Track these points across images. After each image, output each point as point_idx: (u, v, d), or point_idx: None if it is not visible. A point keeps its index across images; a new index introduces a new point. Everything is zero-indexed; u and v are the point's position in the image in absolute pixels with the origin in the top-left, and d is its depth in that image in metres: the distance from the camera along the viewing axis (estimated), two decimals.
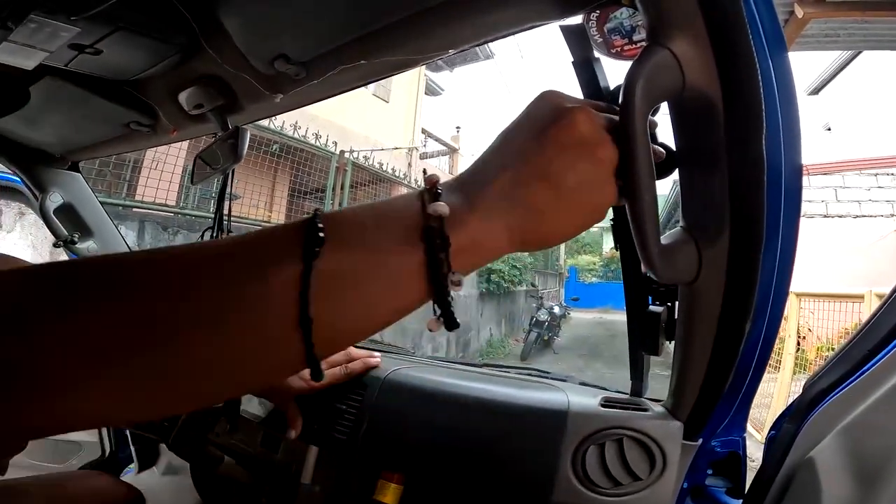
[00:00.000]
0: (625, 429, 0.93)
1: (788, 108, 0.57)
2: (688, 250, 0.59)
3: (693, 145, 0.58)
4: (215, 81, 1.15)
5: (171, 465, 1.92)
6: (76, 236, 1.84)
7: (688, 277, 0.61)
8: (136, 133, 1.44)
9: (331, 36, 0.94)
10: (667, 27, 0.53)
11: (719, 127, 0.53)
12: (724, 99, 0.52)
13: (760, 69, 0.52)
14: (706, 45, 0.51)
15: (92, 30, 0.91)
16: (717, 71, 0.51)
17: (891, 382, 0.72)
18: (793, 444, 0.84)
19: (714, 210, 0.57)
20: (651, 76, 0.51)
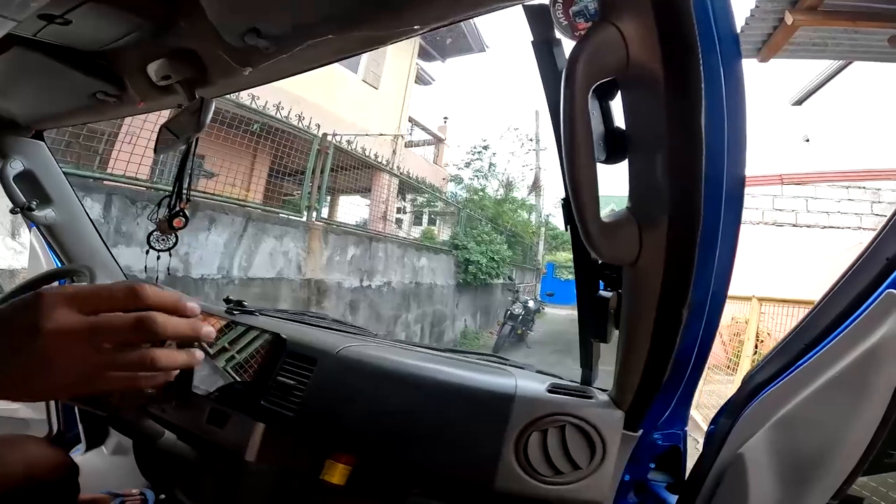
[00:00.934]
0: (567, 415, 0.94)
1: (734, 95, 0.57)
2: (629, 230, 0.60)
3: (638, 125, 0.58)
4: (186, 54, 1.14)
5: (120, 445, 1.90)
6: (34, 203, 1.80)
7: (629, 258, 0.62)
8: (103, 103, 1.41)
9: (302, 11, 0.93)
10: (616, 4, 0.53)
11: (660, 105, 0.53)
12: (665, 77, 0.52)
13: (706, 54, 0.52)
14: (651, 23, 0.51)
15: (61, 0, 0.90)
16: (660, 49, 0.51)
17: (822, 379, 0.74)
18: (727, 439, 0.86)
19: (655, 191, 0.57)
20: (595, 52, 0.51)
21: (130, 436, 1.38)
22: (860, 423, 0.69)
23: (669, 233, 0.58)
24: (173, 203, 1.30)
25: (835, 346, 0.72)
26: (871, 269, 0.70)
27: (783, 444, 0.77)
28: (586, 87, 0.50)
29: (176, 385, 1.33)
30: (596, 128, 0.64)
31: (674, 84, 0.51)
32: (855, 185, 9.20)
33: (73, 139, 4.15)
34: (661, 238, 0.59)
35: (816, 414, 0.74)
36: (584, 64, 0.50)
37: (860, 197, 9.07)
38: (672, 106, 0.52)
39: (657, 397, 0.84)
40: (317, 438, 1.17)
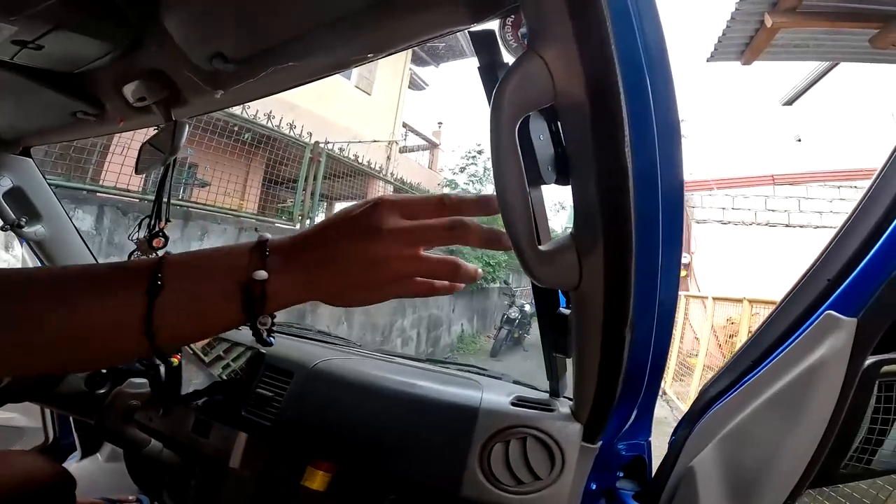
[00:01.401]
0: (529, 428, 0.96)
1: (666, 119, 0.59)
2: (570, 256, 0.61)
3: (573, 150, 0.60)
4: (158, 75, 1.16)
5: (115, 452, 1.92)
6: (24, 220, 1.83)
7: (569, 283, 0.63)
8: (84, 122, 1.43)
9: (263, 37, 0.96)
10: (541, 35, 0.54)
11: (587, 135, 0.54)
12: (590, 105, 0.53)
13: (631, 79, 0.53)
14: (574, 52, 0.52)
15: (31, 27, 0.92)
16: (583, 77, 0.52)
17: (764, 396, 0.76)
18: (681, 451, 0.89)
19: (591, 216, 0.59)
20: (521, 84, 0.53)
21: (118, 444, 1.41)
22: (800, 438, 0.72)
23: (606, 257, 0.59)
24: (153, 223, 1.32)
25: (777, 363, 0.75)
26: (812, 290, 0.73)
27: (730, 457, 0.79)
28: (513, 119, 0.52)
29: (162, 393, 1.36)
30: (546, 149, 0.66)
31: (597, 112, 0.52)
32: (847, 185, 9.25)
33: (65, 151, 4.17)
34: (599, 263, 0.60)
35: (760, 429, 0.76)
36: (510, 95, 0.51)
37: (852, 196, 9.13)
38: (597, 133, 0.53)
39: (614, 410, 0.86)
40: (295, 447, 1.20)
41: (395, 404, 1.15)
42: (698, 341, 7.95)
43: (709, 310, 7.84)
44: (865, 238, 0.68)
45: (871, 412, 0.77)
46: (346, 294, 0.61)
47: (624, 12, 0.53)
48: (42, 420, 2.05)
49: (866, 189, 0.72)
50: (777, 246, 8.99)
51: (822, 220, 9.14)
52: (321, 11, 0.84)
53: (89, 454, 2.01)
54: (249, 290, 0.55)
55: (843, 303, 0.69)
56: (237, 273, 0.56)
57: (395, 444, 1.09)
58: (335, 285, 0.60)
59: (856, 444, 0.78)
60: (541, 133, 0.66)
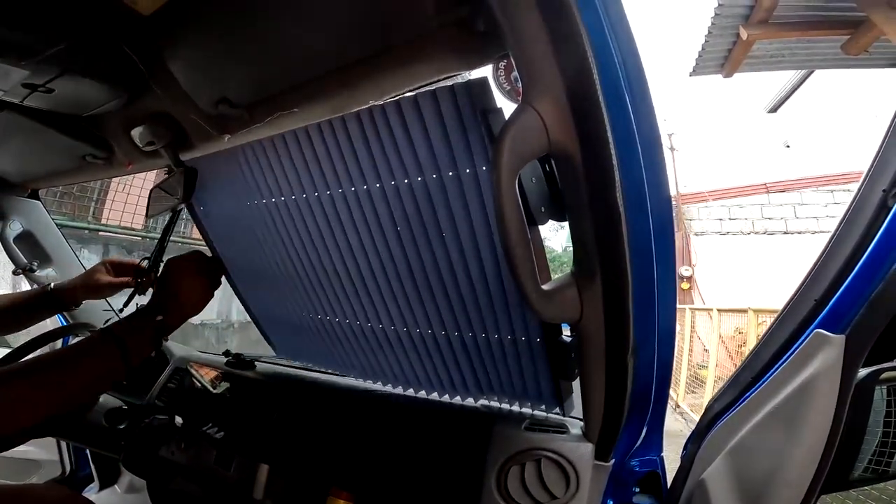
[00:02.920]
0: (543, 450, 0.99)
1: (652, 156, 0.63)
2: (571, 293, 0.66)
3: (569, 193, 0.64)
4: (166, 119, 1.20)
5: (132, 484, 1.94)
6: (35, 264, 1.86)
7: (571, 318, 0.67)
8: (93, 165, 1.47)
9: (268, 84, 1.01)
10: (536, 89, 0.59)
11: (581, 181, 0.59)
12: (581, 154, 0.57)
13: (620, 128, 0.58)
14: (566, 105, 0.57)
15: (42, 71, 0.96)
16: (575, 129, 0.57)
17: (764, 410, 0.80)
18: (692, 464, 0.92)
19: (588, 255, 0.63)
20: (518, 136, 0.57)
21: (144, 477, 1.44)
22: (804, 448, 0.75)
23: (604, 292, 0.64)
24: (151, 267, 1.36)
25: (775, 379, 0.79)
26: (801, 310, 0.77)
27: (739, 469, 0.82)
28: (513, 171, 0.56)
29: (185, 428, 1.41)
30: (539, 191, 0.70)
31: (589, 161, 0.57)
32: (840, 188, 9.31)
33: (67, 190, 4.21)
34: (599, 297, 0.64)
35: (764, 441, 0.80)
36: (509, 148, 0.56)
37: (846, 200, 9.16)
38: (589, 179, 0.58)
39: (624, 429, 0.89)
40: (316, 477, 1.23)
41: (411, 433, 1.19)
42: (708, 353, 7.94)
43: (715, 321, 7.84)
44: (847, 259, 0.72)
45: (883, 417, 0.81)
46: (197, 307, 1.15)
47: (610, 64, 0.58)
48: (59, 453, 2.08)
49: (844, 212, 0.76)
50: (778, 253, 9.01)
51: (819, 226, 9.17)
52: (323, 60, 0.90)
53: (107, 486, 2.02)
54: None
55: (831, 321, 0.73)
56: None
57: (413, 472, 1.13)
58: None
59: (873, 448, 0.82)
60: (533, 176, 0.71)
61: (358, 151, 1.01)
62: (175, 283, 1.14)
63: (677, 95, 16.83)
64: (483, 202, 0.92)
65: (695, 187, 10.49)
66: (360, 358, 1.39)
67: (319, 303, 1.35)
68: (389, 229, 1.07)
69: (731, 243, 10.05)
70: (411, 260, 1.08)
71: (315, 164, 1.11)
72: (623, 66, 0.59)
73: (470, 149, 0.88)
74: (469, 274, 1.03)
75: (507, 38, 0.60)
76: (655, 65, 12.92)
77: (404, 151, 0.95)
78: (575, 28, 0.54)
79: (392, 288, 1.16)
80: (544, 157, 0.67)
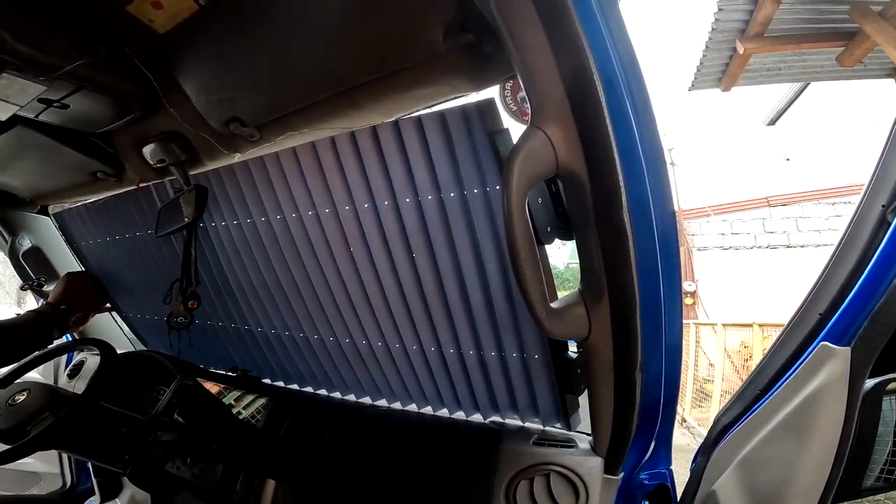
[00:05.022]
0: (551, 464, 0.99)
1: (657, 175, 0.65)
2: (579, 311, 0.67)
3: (578, 217, 0.66)
4: (177, 138, 1.22)
5: (134, 498, 1.92)
6: (42, 279, 1.88)
7: (579, 335, 0.69)
8: (104, 181, 1.49)
9: (279, 105, 1.03)
10: (544, 112, 0.60)
11: (588, 203, 0.61)
12: (589, 176, 0.59)
13: (626, 149, 0.59)
14: (573, 128, 0.58)
15: (59, 87, 0.98)
16: (582, 151, 0.59)
17: (774, 422, 0.81)
18: (702, 476, 0.92)
19: (596, 275, 0.65)
20: (527, 159, 0.59)
21: (149, 491, 1.45)
22: (813, 457, 0.76)
23: (612, 310, 0.65)
24: (183, 285, 1.36)
25: (783, 391, 0.80)
26: (806, 324, 0.78)
27: (749, 480, 0.83)
28: (523, 193, 0.58)
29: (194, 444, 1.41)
30: (545, 212, 0.72)
31: (596, 182, 0.59)
32: (841, 201, 9.31)
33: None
34: (606, 315, 0.66)
35: (774, 452, 0.81)
36: (518, 170, 0.57)
37: (848, 212, 9.14)
38: (597, 200, 0.60)
39: (632, 443, 0.90)
40: (322, 492, 1.23)
41: (419, 449, 1.19)
42: (713, 367, 7.90)
43: (720, 336, 7.81)
44: (849, 273, 0.74)
45: (893, 427, 0.82)
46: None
47: (615, 86, 0.59)
48: (60, 465, 2.07)
49: (845, 228, 0.78)
50: (781, 267, 8.99)
51: (821, 239, 9.17)
52: (333, 82, 0.92)
53: (108, 499, 2.01)
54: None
55: (836, 334, 0.74)
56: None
57: (421, 488, 1.13)
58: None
59: (884, 457, 0.82)
60: (539, 197, 0.72)
61: (369, 169, 1.03)
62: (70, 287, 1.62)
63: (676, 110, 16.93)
64: (489, 221, 0.94)
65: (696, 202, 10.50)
66: (370, 376, 1.39)
67: (328, 323, 1.35)
68: (398, 248, 1.08)
69: (734, 258, 10.04)
70: (423, 279, 1.09)
71: (320, 182, 1.12)
72: (628, 87, 0.60)
73: (479, 169, 0.90)
74: (476, 292, 1.04)
75: (514, 61, 0.62)
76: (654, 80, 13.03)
77: (416, 170, 0.97)
78: (581, 51, 0.56)
79: (401, 306, 1.17)
80: (550, 178, 0.68)
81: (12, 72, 0.89)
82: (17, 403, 1.17)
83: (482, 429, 1.21)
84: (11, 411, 1.16)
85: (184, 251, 1.35)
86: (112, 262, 1.77)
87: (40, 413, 1.17)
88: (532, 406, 1.15)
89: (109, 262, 1.79)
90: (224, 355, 1.71)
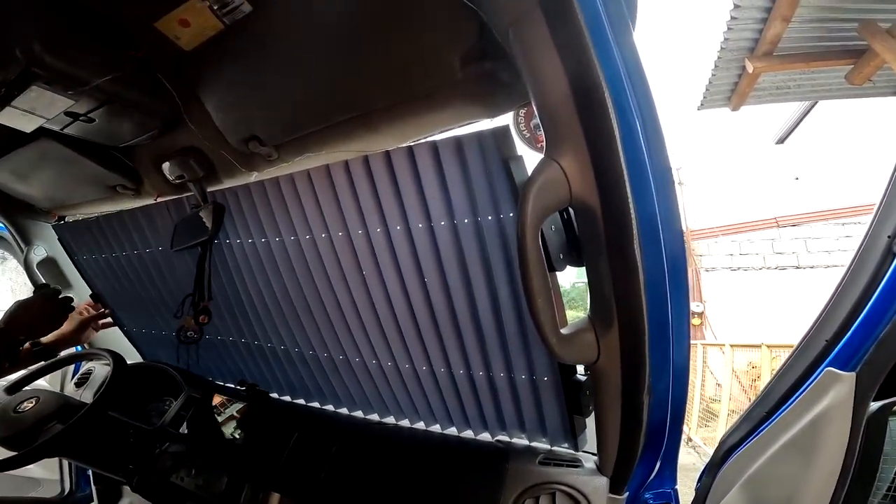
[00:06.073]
0: (557, 483, 1.00)
1: (668, 212, 0.67)
2: (588, 337, 0.69)
3: (589, 246, 0.67)
4: (196, 154, 1.25)
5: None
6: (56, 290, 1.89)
7: (588, 360, 0.70)
8: (122, 194, 1.51)
9: (297, 125, 1.06)
10: (558, 144, 0.62)
11: (600, 234, 0.62)
12: (602, 208, 0.61)
13: (638, 180, 0.61)
14: (587, 160, 0.60)
15: (87, 101, 1.00)
16: (596, 185, 0.60)
17: (780, 442, 0.82)
18: (708, 495, 0.93)
19: (606, 302, 0.66)
20: (542, 190, 0.61)
21: (153, 501, 1.45)
22: (818, 477, 0.78)
23: (621, 337, 0.67)
24: (196, 301, 1.38)
25: (789, 413, 0.81)
26: (813, 349, 0.80)
27: (755, 499, 0.85)
28: (536, 225, 0.60)
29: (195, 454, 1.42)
30: (558, 239, 0.74)
31: (608, 213, 0.60)
32: (851, 221, 9.23)
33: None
34: (615, 342, 0.67)
35: (779, 472, 0.82)
36: (532, 202, 0.59)
37: (858, 233, 9.08)
38: (609, 230, 0.61)
39: (638, 463, 0.91)
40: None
41: (427, 466, 1.20)
42: (720, 387, 7.84)
43: (727, 356, 7.76)
44: (856, 302, 0.75)
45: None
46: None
47: (629, 119, 0.61)
48: (60, 472, 2.08)
49: (851, 257, 0.79)
50: (791, 288, 8.90)
51: (831, 259, 9.07)
52: (352, 105, 0.95)
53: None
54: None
55: (842, 359, 0.76)
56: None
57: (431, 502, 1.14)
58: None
59: (891, 476, 0.83)
60: (552, 224, 0.74)
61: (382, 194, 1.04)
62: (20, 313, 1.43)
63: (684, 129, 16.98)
64: (501, 246, 0.95)
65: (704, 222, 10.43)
66: (378, 394, 1.40)
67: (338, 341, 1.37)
68: (410, 271, 1.10)
69: (743, 279, 9.96)
70: (433, 301, 1.11)
71: (334, 206, 1.13)
72: (641, 119, 0.62)
73: (492, 195, 0.91)
74: (487, 316, 1.06)
75: (530, 91, 0.64)
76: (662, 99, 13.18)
77: (429, 195, 0.98)
78: (597, 83, 0.58)
79: (412, 328, 1.18)
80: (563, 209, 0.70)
81: (41, 84, 0.90)
82: (25, 411, 1.19)
83: (489, 447, 1.22)
84: (19, 418, 1.17)
85: (197, 266, 1.36)
86: (120, 277, 1.78)
87: (49, 421, 1.19)
88: (539, 426, 1.16)
89: (117, 276, 1.79)
90: (233, 369, 1.72)
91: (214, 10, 0.88)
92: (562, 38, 0.58)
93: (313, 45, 0.89)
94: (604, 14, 0.58)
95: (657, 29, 18.52)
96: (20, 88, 0.90)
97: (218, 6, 0.87)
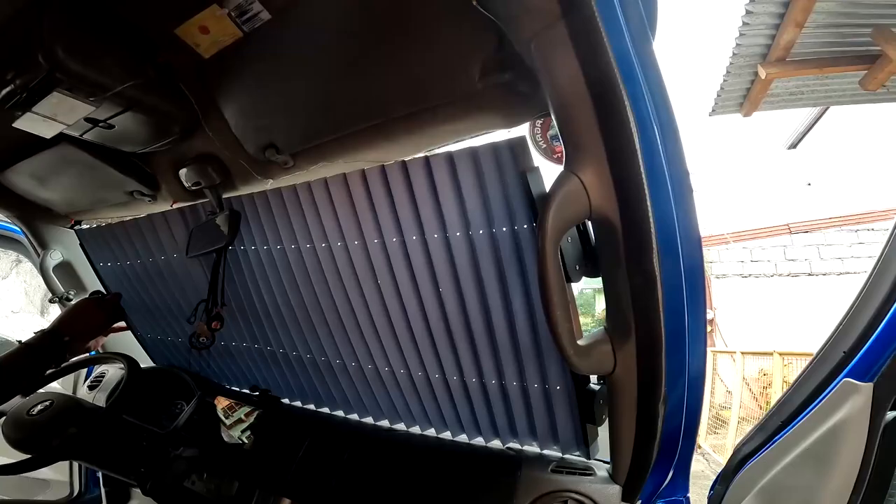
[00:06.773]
0: (570, 491, 1.00)
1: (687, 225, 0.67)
2: (605, 348, 0.69)
3: (607, 258, 0.68)
4: (213, 161, 1.26)
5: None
6: (71, 293, 1.93)
7: (605, 371, 0.71)
8: (139, 200, 1.53)
9: (315, 133, 1.07)
10: (578, 157, 0.63)
11: (619, 247, 0.63)
12: (621, 222, 0.61)
13: (658, 193, 0.61)
14: (608, 177, 0.61)
15: (107, 107, 1.01)
16: (616, 199, 0.61)
17: (796, 451, 0.82)
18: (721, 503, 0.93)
19: (623, 314, 0.67)
20: (562, 203, 0.61)
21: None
22: (834, 485, 0.78)
23: (638, 348, 0.67)
24: (210, 307, 1.38)
25: (805, 423, 0.82)
26: (831, 360, 0.80)
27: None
28: (556, 239, 0.60)
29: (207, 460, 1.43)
30: (574, 250, 0.74)
31: (628, 227, 0.61)
32: (864, 228, 9.14)
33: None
34: (632, 353, 0.68)
35: (795, 481, 0.83)
36: (553, 215, 0.60)
37: (871, 239, 9.01)
38: (628, 243, 0.62)
39: (651, 472, 0.91)
40: None
41: (438, 474, 1.20)
42: (731, 394, 7.79)
43: (738, 364, 7.71)
44: (874, 314, 0.76)
45: None
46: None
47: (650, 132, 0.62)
48: (69, 474, 2.09)
49: (870, 270, 0.80)
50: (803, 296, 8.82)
51: (844, 267, 8.99)
52: (370, 114, 0.95)
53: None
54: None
55: (860, 371, 0.76)
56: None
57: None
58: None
59: None
60: (569, 235, 0.75)
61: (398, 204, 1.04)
62: (77, 315, 1.50)
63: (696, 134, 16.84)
64: (517, 257, 0.95)
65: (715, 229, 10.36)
66: (390, 401, 1.40)
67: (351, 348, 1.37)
68: (425, 281, 1.10)
69: (754, 286, 9.88)
70: (448, 311, 1.11)
71: (350, 215, 1.13)
72: (661, 131, 0.63)
73: (508, 206, 0.92)
74: (501, 325, 1.06)
75: (550, 103, 0.64)
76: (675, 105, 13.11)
77: (445, 206, 0.98)
78: (618, 96, 0.58)
79: (426, 336, 1.19)
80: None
81: (63, 90, 0.90)
82: (38, 413, 1.18)
83: (501, 455, 1.22)
84: (33, 421, 1.17)
85: (212, 273, 1.37)
86: (133, 281, 1.78)
87: (63, 424, 1.19)
88: (552, 434, 1.15)
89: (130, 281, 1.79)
90: (245, 374, 1.72)
91: (234, 17, 0.89)
92: (584, 52, 0.59)
93: (332, 53, 0.90)
94: (625, 27, 0.59)
95: (669, 35, 18.45)
96: (41, 94, 0.90)
97: (237, 13, 0.88)
